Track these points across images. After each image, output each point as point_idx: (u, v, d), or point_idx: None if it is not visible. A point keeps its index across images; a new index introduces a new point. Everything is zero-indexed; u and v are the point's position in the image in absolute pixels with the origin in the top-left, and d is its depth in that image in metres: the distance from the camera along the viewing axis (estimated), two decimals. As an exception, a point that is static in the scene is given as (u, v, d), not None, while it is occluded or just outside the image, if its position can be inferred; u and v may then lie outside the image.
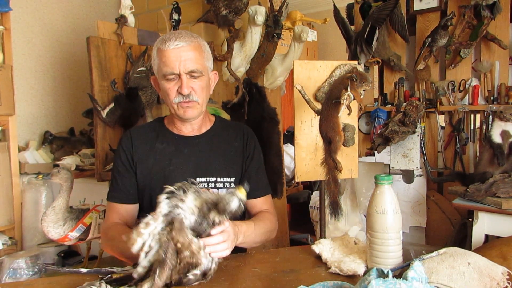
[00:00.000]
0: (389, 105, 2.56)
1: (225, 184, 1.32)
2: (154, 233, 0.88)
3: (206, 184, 1.30)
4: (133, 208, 1.31)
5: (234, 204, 0.92)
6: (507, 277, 0.87)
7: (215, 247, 0.96)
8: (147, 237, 0.88)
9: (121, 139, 1.34)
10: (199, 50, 1.21)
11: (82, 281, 0.97)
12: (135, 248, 0.88)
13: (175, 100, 1.22)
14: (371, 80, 1.40)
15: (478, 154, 2.26)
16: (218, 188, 1.31)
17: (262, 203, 1.38)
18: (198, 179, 1.28)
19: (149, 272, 0.87)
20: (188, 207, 0.91)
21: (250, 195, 1.34)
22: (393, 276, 0.79)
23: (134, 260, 0.96)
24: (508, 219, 1.69)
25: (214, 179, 1.30)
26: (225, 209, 0.93)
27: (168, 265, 0.86)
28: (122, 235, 0.93)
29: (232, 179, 1.33)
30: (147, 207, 1.30)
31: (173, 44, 1.17)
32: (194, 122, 1.31)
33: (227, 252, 1.00)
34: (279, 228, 1.42)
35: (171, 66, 1.18)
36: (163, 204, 0.90)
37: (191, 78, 1.21)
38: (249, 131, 1.43)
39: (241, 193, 0.93)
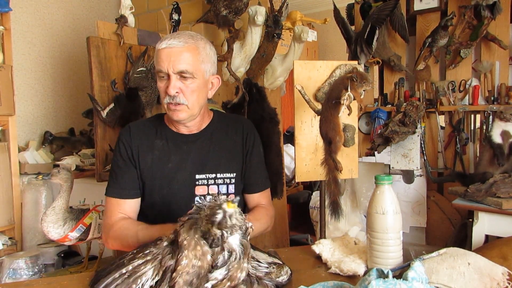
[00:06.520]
0: (389, 105, 2.56)
1: (225, 180, 1.32)
2: None
3: (205, 181, 1.30)
4: (134, 203, 1.29)
5: (218, 217, 0.87)
6: (507, 277, 0.87)
7: None
8: None
9: (120, 134, 1.33)
10: (193, 52, 1.20)
11: (83, 281, 0.97)
12: None
13: (165, 100, 1.23)
14: (371, 80, 1.39)
15: (478, 154, 2.26)
16: (218, 184, 1.31)
17: (260, 197, 1.40)
18: (197, 176, 1.29)
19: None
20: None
21: (248, 190, 1.38)
22: (393, 277, 0.79)
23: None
24: (508, 219, 1.70)
25: (213, 175, 1.31)
26: (212, 223, 0.85)
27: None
28: None
29: (233, 174, 1.33)
30: (146, 203, 1.30)
31: (166, 43, 1.19)
32: (189, 124, 1.30)
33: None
34: (279, 228, 1.42)
35: (161, 64, 1.19)
36: None
37: (181, 78, 1.20)
38: (248, 124, 1.43)
39: (229, 207, 0.88)
